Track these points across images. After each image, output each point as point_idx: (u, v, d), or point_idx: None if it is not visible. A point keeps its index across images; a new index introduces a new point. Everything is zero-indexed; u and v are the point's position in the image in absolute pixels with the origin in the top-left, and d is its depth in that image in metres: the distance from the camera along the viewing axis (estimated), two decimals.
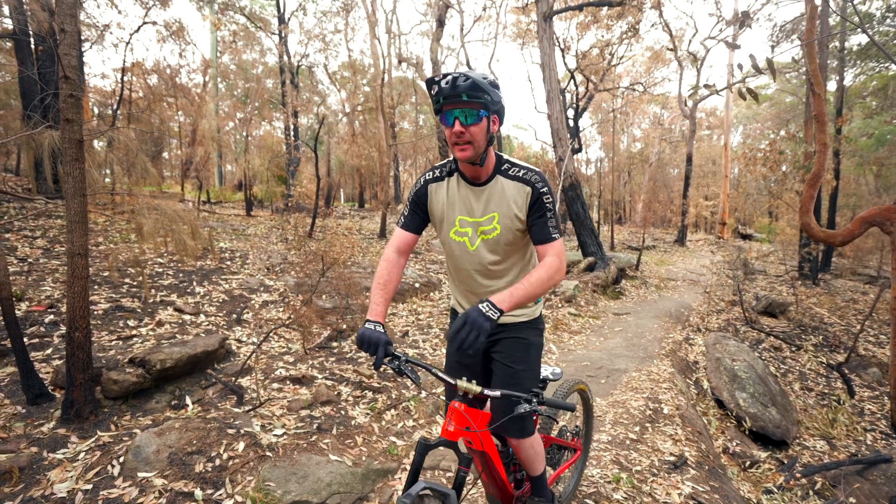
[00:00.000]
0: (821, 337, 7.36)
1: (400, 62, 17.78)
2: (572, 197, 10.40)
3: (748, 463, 4.10)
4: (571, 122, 17.81)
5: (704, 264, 14.36)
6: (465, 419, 1.55)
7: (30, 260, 5.40)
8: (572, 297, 8.02)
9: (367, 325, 1.50)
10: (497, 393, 1.50)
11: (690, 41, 18.71)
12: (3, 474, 2.29)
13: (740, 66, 3.92)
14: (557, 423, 2.20)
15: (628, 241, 18.36)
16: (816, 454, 4.46)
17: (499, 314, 1.38)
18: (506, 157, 1.70)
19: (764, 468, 4.06)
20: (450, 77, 1.46)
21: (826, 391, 5.82)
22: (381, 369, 4.22)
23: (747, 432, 4.61)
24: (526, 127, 48.66)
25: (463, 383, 1.50)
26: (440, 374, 1.53)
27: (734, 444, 4.34)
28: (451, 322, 1.99)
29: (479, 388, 1.49)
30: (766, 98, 22.86)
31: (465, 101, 1.48)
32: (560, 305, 7.66)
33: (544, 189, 1.62)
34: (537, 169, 1.66)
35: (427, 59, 16.76)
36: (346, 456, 2.87)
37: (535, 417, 2.00)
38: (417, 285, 7.25)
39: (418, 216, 1.77)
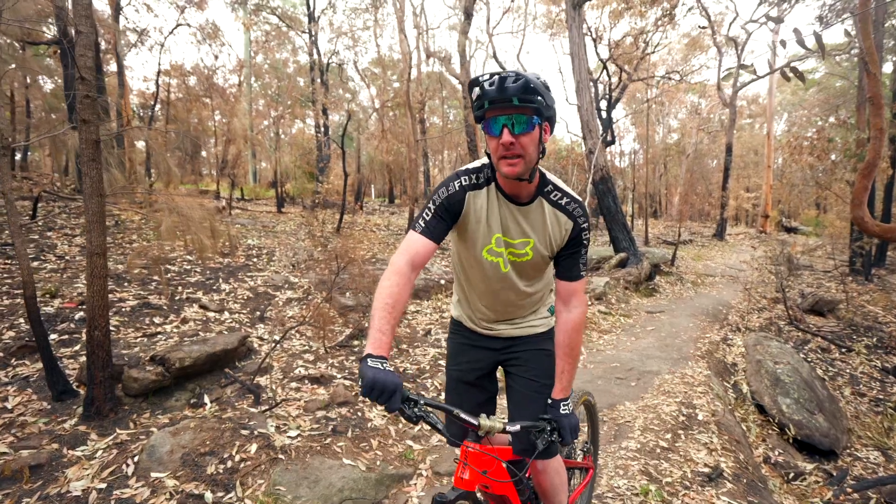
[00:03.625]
0: (874, 338, 6.85)
1: (428, 57, 17.69)
2: (603, 191, 10.07)
3: (792, 475, 3.81)
4: (604, 114, 17.31)
5: (745, 259, 13.70)
6: (482, 461, 1.42)
7: (66, 257, 5.59)
8: (602, 295, 7.75)
9: (370, 363, 1.11)
10: (517, 427, 1.36)
11: (730, 25, 17.83)
12: (15, 473, 2.32)
13: (783, 43, 3.61)
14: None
15: (663, 235, 17.74)
16: (870, 467, 4.12)
17: (571, 401, 1.55)
18: (550, 177, 1.52)
19: (810, 481, 3.76)
20: (496, 77, 1.24)
21: (881, 397, 5.39)
22: (397, 368, 4.15)
23: (791, 441, 4.30)
24: (557, 119, 47.79)
25: (486, 422, 1.31)
26: (463, 416, 1.31)
27: (776, 453, 4.06)
28: (451, 334, 1.85)
29: (501, 425, 1.33)
30: (812, 83, 21.59)
31: (516, 106, 1.26)
32: (589, 303, 7.42)
33: (585, 225, 1.51)
34: (580, 198, 1.52)
35: (455, 53, 16.60)
36: (360, 460, 2.80)
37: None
38: (443, 282, 7.15)
39: (445, 224, 1.47)
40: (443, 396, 1.87)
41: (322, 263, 7.02)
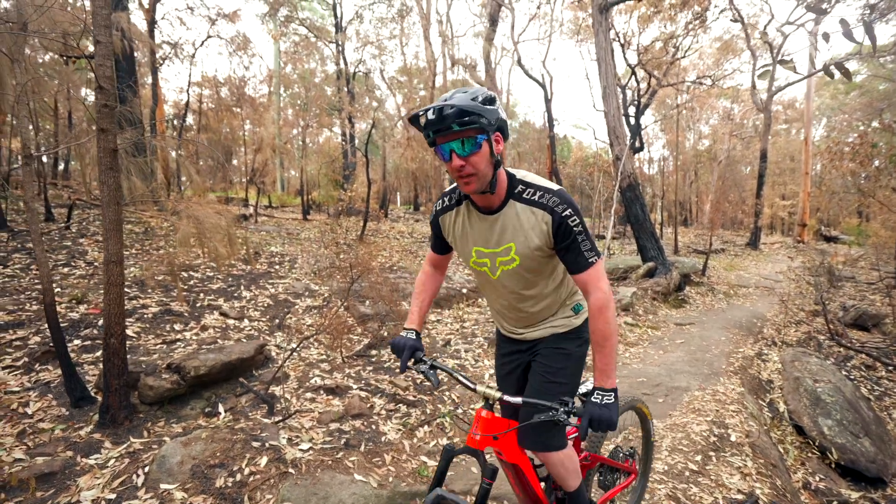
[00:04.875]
0: None
1: (453, 64, 17.73)
2: (631, 198, 9.81)
3: (834, 503, 3.54)
4: (633, 120, 16.96)
5: (781, 270, 13.12)
6: (492, 427, 1.53)
7: (95, 264, 5.73)
8: (629, 306, 7.50)
9: (402, 333, 1.66)
10: (518, 400, 1.46)
11: (765, 27, 17.24)
12: (21, 483, 2.32)
13: (826, 37, 3.37)
14: (607, 440, 2.01)
15: (694, 244, 17.20)
16: None
17: (613, 393, 1.42)
18: (520, 175, 1.53)
19: None
20: (434, 108, 1.32)
21: None
22: (415, 378, 4.06)
23: (833, 466, 4.01)
24: (585, 126, 47.31)
25: (482, 388, 1.51)
26: (462, 379, 1.54)
27: (817, 478, 3.78)
28: (498, 343, 1.95)
29: (498, 394, 1.49)
30: (854, 86, 20.71)
31: (458, 131, 1.34)
32: (616, 314, 7.19)
33: (567, 211, 1.46)
34: (556, 187, 1.49)
35: (480, 60, 16.59)
36: (371, 476, 2.72)
37: (568, 432, 1.87)
38: (465, 290, 7.05)
39: (440, 241, 1.76)
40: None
41: (340, 272, 7.02)
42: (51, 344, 3.30)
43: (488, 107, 1.35)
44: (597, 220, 12.14)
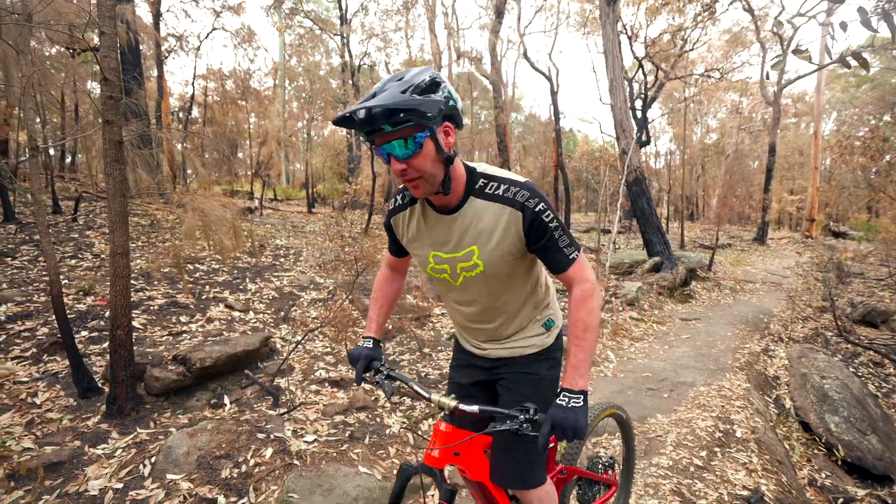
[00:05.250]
0: None
1: (459, 57, 17.61)
2: (637, 192, 9.75)
3: (841, 500, 3.52)
4: (639, 113, 16.82)
5: (788, 265, 13.02)
6: (452, 441, 1.36)
7: (102, 256, 5.76)
8: (635, 301, 7.47)
9: (359, 343, 1.55)
10: (474, 408, 1.30)
11: (777, 17, 16.98)
12: (30, 472, 2.34)
13: (844, 26, 3.30)
14: (585, 452, 1.92)
15: (700, 239, 17.08)
16: None
17: (582, 396, 1.21)
18: (481, 168, 1.35)
19: None
20: (361, 108, 1.10)
21: None
22: (419, 373, 4.06)
23: (840, 463, 3.98)
24: (591, 120, 46.98)
25: (437, 397, 1.35)
26: (416, 388, 1.40)
27: (823, 475, 3.76)
28: (453, 352, 1.77)
29: (454, 402, 1.33)
30: (865, 79, 20.43)
31: (393, 132, 1.14)
32: (621, 309, 7.16)
33: (539, 206, 1.26)
34: (523, 179, 1.31)
35: (486, 53, 16.47)
36: (376, 468, 2.73)
37: (549, 465, 1.72)
38: None
39: (396, 243, 1.56)
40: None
41: (345, 265, 7.03)
42: (58, 335, 3.32)
43: (429, 96, 1.13)
44: (602, 214, 12.07)
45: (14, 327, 3.84)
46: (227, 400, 3.32)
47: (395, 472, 2.75)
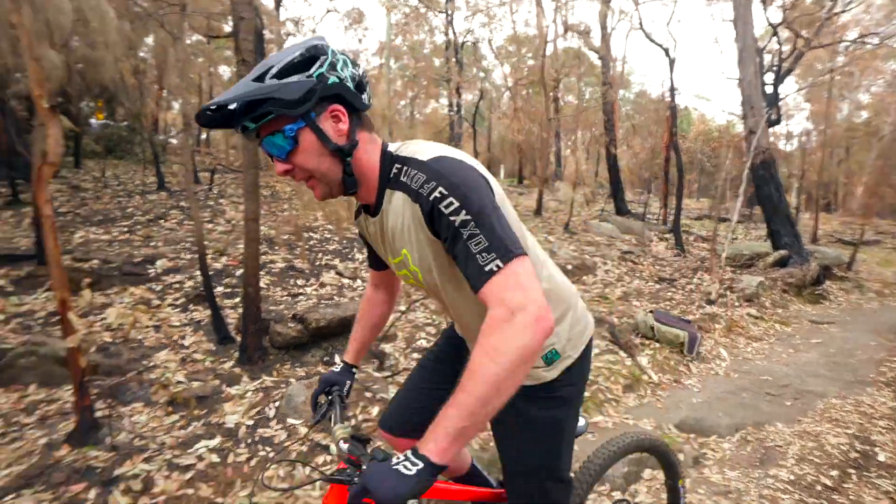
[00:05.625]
0: None
1: (566, 31, 16.81)
2: (764, 177, 8.75)
3: None
4: (770, 88, 14.92)
5: None
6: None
7: (233, 222, 6.46)
8: (754, 296, 6.77)
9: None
10: (346, 446, 1.06)
11: None
12: (185, 401, 2.74)
13: None
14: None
15: (838, 233, 14.98)
16: None
17: (423, 462, 0.77)
18: (399, 150, 1.04)
19: None
20: (214, 105, 0.88)
21: None
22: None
23: None
24: (708, 97, 42.75)
25: (341, 430, 1.17)
26: (334, 422, 1.23)
27: None
28: (438, 339, 1.58)
29: (346, 433, 1.13)
30: None
31: (258, 128, 0.92)
32: (738, 304, 6.54)
33: (436, 193, 0.90)
34: (429, 156, 0.96)
35: (595, 26, 15.58)
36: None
37: None
38: (570, 267, 6.85)
39: (371, 252, 1.36)
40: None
41: None
42: (202, 289, 3.81)
43: (289, 78, 0.89)
44: (720, 201, 11.02)
45: (168, 279, 4.48)
46: (337, 359, 3.60)
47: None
